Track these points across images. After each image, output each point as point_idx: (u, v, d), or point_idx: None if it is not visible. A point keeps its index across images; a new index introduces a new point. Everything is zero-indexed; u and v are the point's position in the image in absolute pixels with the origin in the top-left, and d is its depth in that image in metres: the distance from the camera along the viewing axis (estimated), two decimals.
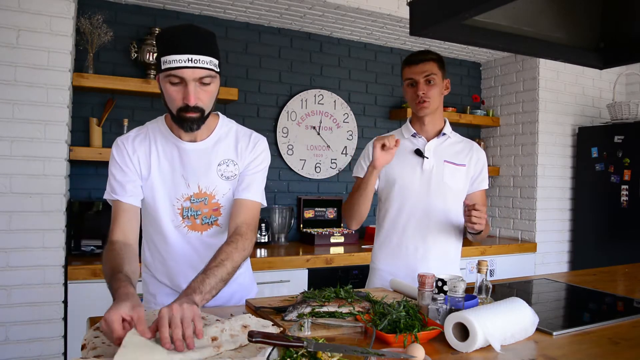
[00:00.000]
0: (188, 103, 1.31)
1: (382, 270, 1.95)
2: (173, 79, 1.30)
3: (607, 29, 1.66)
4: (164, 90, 1.34)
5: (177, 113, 1.35)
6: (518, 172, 3.99)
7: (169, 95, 1.33)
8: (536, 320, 1.23)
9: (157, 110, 3.06)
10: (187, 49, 1.28)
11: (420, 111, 1.88)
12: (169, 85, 1.31)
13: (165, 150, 1.45)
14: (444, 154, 1.90)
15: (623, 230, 3.53)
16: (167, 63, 1.29)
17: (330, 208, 3.59)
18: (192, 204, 1.46)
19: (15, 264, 2.33)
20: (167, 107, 1.38)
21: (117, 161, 1.46)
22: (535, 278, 2.08)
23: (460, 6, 1.22)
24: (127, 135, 1.48)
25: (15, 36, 2.33)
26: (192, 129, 1.37)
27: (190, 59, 1.28)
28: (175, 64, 1.28)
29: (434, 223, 1.87)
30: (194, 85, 1.30)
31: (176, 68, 1.28)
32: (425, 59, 1.86)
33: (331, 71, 3.65)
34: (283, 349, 1.00)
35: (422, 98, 1.85)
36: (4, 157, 2.32)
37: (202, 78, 1.31)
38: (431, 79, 1.85)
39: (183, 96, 1.31)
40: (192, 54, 1.28)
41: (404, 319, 1.20)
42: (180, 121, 1.36)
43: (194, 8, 3.08)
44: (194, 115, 1.34)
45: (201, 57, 1.29)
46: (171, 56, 1.28)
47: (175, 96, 1.32)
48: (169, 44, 1.29)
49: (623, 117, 3.60)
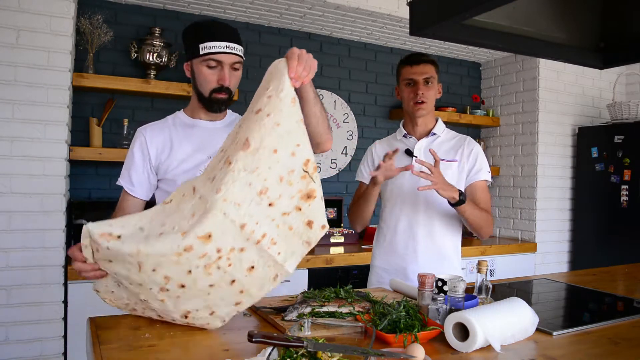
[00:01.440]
0: (223, 83, 1.50)
1: (377, 267, 2.01)
2: (211, 62, 1.48)
3: (607, 29, 1.66)
4: (198, 73, 1.51)
5: (209, 94, 1.52)
6: (518, 172, 3.99)
7: (205, 77, 1.50)
8: (536, 320, 1.23)
9: (157, 110, 3.06)
10: (225, 37, 1.48)
11: (417, 112, 1.89)
12: (205, 68, 1.49)
13: (186, 132, 1.58)
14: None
15: (623, 230, 3.52)
16: (207, 48, 1.47)
17: (330, 208, 3.58)
18: None
19: (15, 264, 2.33)
20: (198, 90, 1.54)
21: (134, 151, 1.57)
22: (535, 278, 2.08)
23: (460, 6, 1.22)
24: (148, 124, 1.61)
25: (15, 36, 2.33)
26: (220, 109, 1.56)
27: (227, 45, 1.48)
28: (215, 49, 1.47)
29: (423, 221, 1.89)
30: (228, 68, 1.49)
31: (216, 53, 1.47)
32: (425, 60, 1.89)
33: (331, 71, 3.65)
34: (283, 349, 0.99)
35: (421, 98, 1.86)
36: (4, 157, 2.32)
37: (234, 63, 1.51)
38: (430, 80, 1.88)
39: (218, 78, 1.50)
40: (228, 42, 1.48)
41: (404, 319, 1.20)
42: (209, 102, 1.54)
43: (194, 8, 3.08)
44: (224, 97, 1.53)
45: (235, 45, 1.50)
46: (211, 42, 1.46)
47: (211, 78, 1.50)
48: (208, 33, 1.48)
49: (623, 117, 3.60)
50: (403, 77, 1.91)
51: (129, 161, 1.56)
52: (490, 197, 1.98)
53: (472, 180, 1.91)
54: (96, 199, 2.87)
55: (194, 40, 1.50)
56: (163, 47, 2.89)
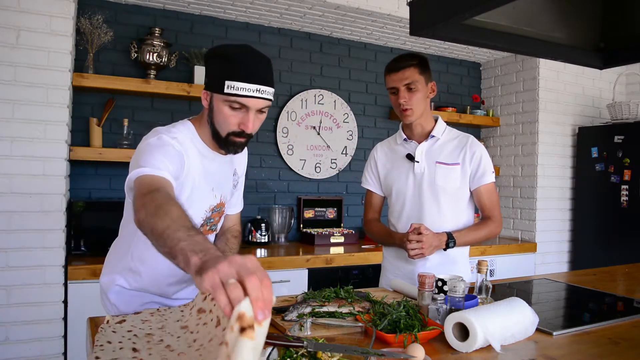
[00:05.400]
0: (245, 130, 1.31)
1: (387, 270, 2.00)
2: (235, 104, 1.28)
3: (607, 29, 1.66)
4: (218, 112, 1.31)
5: (226, 136, 1.34)
6: (518, 172, 3.99)
7: (225, 118, 1.31)
8: (536, 320, 1.23)
9: (157, 110, 3.06)
10: (257, 80, 1.27)
11: (404, 119, 1.86)
12: (227, 108, 1.29)
13: (203, 163, 1.40)
14: (435, 155, 1.88)
15: (623, 230, 3.52)
16: (234, 89, 1.26)
17: (330, 208, 3.58)
18: (213, 213, 1.47)
19: (15, 264, 2.33)
20: (215, 126, 1.34)
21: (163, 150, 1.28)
22: (535, 278, 2.08)
23: (460, 6, 1.22)
24: (169, 134, 1.34)
25: (15, 36, 2.33)
26: (235, 152, 1.38)
27: (258, 89, 1.27)
28: (244, 92, 1.26)
29: (429, 226, 1.85)
30: (254, 113, 1.31)
31: (244, 96, 1.27)
32: (404, 65, 1.79)
33: (331, 71, 3.65)
34: (283, 349, 0.99)
35: (404, 106, 1.81)
36: (4, 157, 2.32)
37: (262, 108, 1.32)
38: (412, 86, 1.79)
39: (240, 122, 1.31)
40: (260, 85, 1.28)
41: (404, 319, 1.20)
42: (226, 143, 1.35)
43: (194, 8, 3.08)
44: (243, 141, 1.35)
45: (267, 89, 1.30)
46: (241, 83, 1.26)
47: (232, 121, 1.31)
48: (238, 70, 1.27)
49: (623, 117, 3.60)
50: (387, 85, 1.86)
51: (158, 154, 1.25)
52: (498, 197, 1.94)
53: (477, 185, 1.87)
54: (96, 199, 2.87)
55: (219, 72, 1.29)
56: (163, 47, 2.89)
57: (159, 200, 1.01)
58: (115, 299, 1.45)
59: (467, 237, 1.82)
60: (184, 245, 0.83)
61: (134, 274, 1.45)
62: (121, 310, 1.44)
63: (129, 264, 1.44)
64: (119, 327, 1.15)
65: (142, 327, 1.16)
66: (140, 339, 1.07)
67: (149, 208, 0.99)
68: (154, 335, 1.10)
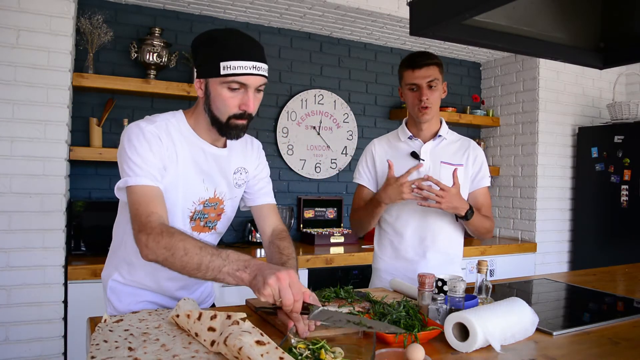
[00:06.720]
0: (247, 109, 1.30)
1: (381, 270, 1.96)
2: (234, 84, 1.27)
3: (607, 29, 1.66)
4: (216, 96, 1.29)
5: (227, 119, 1.31)
6: (518, 172, 3.99)
7: (224, 100, 1.29)
8: (536, 320, 1.23)
9: (157, 110, 3.04)
10: (252, 56, 1.27)
11: (422, 117, 1.84)
12: (226, 90, 1.28)
13: (191, 151, 1.38)
14: (440, 155, 1.88)
15: (623, 230, 3.53)
16: (231, 69, 1.25)
17: (330, 208, 3.58)
18: (205, 207, 1.44)
19: (15, 264, 2.33)
20: (214, 112, 1.32)
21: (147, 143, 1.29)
22: (535, 278, 2.08)
23: (460, 6, 1.22)
24: (151, 123, 1.33)
25: (15, 36, 2.33)
26: (238, 136, 1.36)
27: (254, 66, 1.27)
28: (241, 70, 1.25)
29: (432, 226, 1.86)
30: (253, 92, 1.30)
31: (241, 74, 1.26)
32: (428, 63, 1.80)
33: (331, 71, 3.65)
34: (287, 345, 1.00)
35: (426, 104, 1.80)
36: (4, 157, 2.32)
37: (260, 86, 1.31)
38: (433, 84, 1.80)
39: (241, 102, 1.29)
40: (256, 61, 1.27)
41: (404, 319, 1.20)
42: (227, 128, 1.33)
43: (194, 8, 3.08)
44: (244, 122, 1.33)
45: (262, 65, 1.29)
46: (237, 62, 1.25)
47: (232, 102, 1.29)
48: (233, 50, 1.26)
49: (623, 117, 3.60)
50: (405, 81, 1.84)
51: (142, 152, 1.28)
52: (491, 201, 1.98)
53: (476, 187, 1.90)
54: (96, 199, 2.87)
55: (212, 56, 1.27)
56: (163, 47, 2.89)
57: (176, 242, 1.15)
58: (110, 295, 1.44)
59: (478, 218, 1.81)
60: (228, 270, 1.11)
61: (128, 265, 1.43)
62: (116, 307, 1.43)
63: (122, 254, 1.44)
64: (116, 326, 1.15)
65: (139, 325, 1.16)
66: (136, 338, 1.07)
67: (169, 250, 1.15)
68: (150, 334, 1.10)
